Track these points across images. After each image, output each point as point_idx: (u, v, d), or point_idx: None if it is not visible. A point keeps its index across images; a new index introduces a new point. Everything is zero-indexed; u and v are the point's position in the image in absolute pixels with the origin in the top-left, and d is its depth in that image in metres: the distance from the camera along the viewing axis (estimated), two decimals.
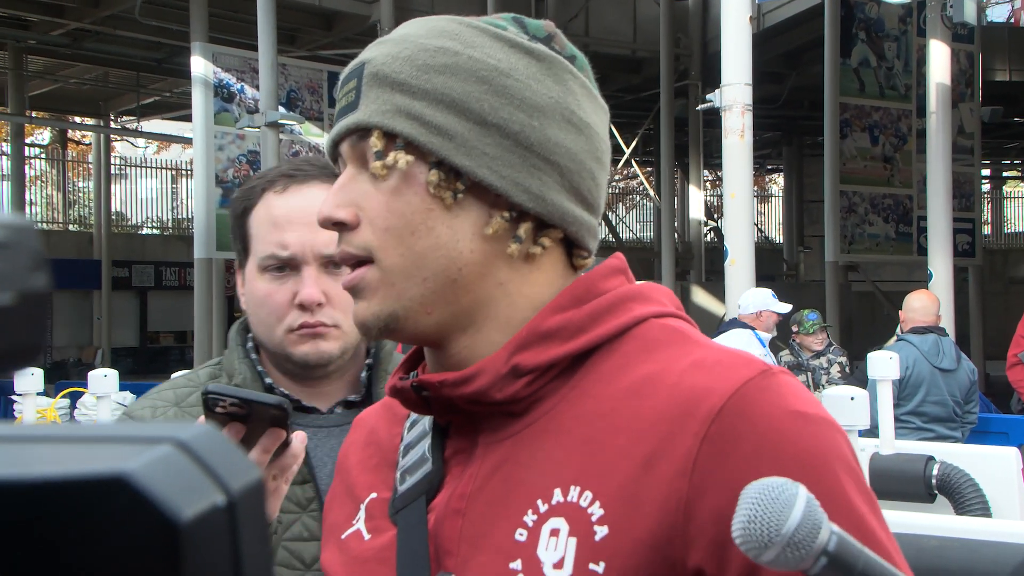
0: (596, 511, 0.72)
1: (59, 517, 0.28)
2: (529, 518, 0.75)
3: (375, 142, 0.79)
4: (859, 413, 2.96)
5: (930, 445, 4.60)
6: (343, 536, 0.89)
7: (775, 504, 0.59)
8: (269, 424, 1.00)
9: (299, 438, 1.05)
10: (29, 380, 4.73)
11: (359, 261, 0.81)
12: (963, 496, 3.84)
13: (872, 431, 4.02)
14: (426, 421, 0.86)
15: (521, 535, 0.75)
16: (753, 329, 5.92)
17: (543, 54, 0.81)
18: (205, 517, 0.29)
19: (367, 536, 0.87)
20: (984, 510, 3.72)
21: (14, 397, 5.45)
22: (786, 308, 5.96)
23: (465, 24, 0.82)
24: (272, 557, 1.22)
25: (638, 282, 0.86)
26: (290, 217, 1.29)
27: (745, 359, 0.75)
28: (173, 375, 1.43)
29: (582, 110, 0.81)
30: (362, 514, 0.88)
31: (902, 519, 3.21)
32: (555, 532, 0.74)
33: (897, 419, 4.59)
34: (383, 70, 0.80)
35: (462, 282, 0.79)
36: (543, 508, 0.75)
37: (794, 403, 0.73)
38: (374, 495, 0.88)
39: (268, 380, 1.34)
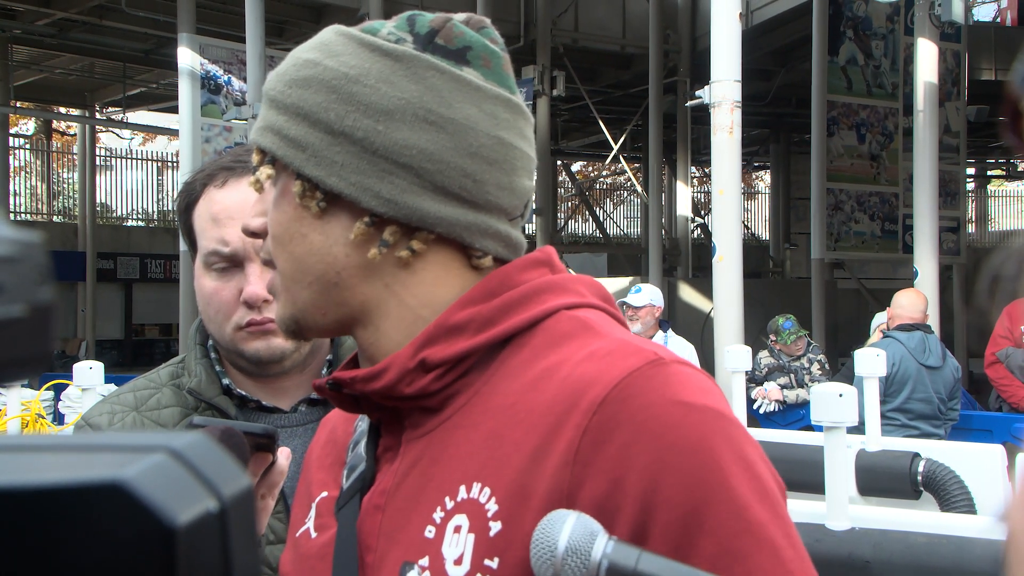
0: (492, 507, 0.74)
1: (57, 523, 0.29)
2: (437, 515, 0.76)
3: (254, 158, 0.84)
4: (847, 410, 2.97)
5: (916, 442, 4.62)
6: (296, 534, 0.92)
7: (549, 524, 0.66)
8: (255, 449, 1.02)
9: (284, 454, 1.05)
10: None
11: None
12: (948, 493, 3.86)
13: (858, 428, 4.04)
14: (367, 420, 0.88)
15: (430, 532, 0.76)
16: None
17: (402, 55, 0.80)
18: (198, 522, 0.30)
19: (314, 534, 0.89)
20: (969, 507, 3.74)
21: None
22: (637, 301, 5.80)
23: (342, 33, 0.83)
24: (260, 562, 1.23)
25: (571, 274, 0.85)
26: (229, 212, 1.26)
27: (636, 349, 0.75)
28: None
29: (445, 106, 0.80)
30: (312, 512, 0.91)
31: (891, 516, 3.23)
32: (458, 529, 0.75)
33: (882, 416, 4.62)
34: (267, 88, 0.84)
35: (343, 285, 0.82)
36: (450, 505, 0.76)
37: (680, 392, 0.72)
38: (325, 493, 0.90)
39: (226, 381, 1.31)
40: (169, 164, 22.72)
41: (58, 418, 6.29)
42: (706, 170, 20.13)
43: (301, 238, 0.81)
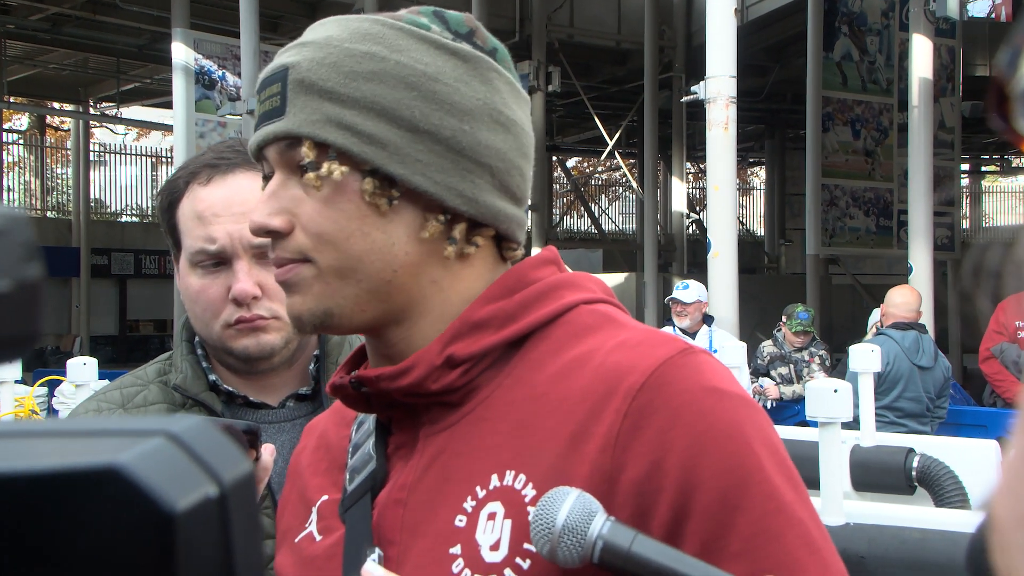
0: (529, 492, 0.75)
1: (54, 509, 0.29)
2: (468, 504, 0.77)
3: (307, 153, 0.79)
4: (842, 405, 2.98)
5: (911, 437, 4.63)
6: (296, 540, 0.91)
7: (550, 500, 0.68)
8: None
9: (268, 450, 1.04)
10: (6, 368, 4.69)
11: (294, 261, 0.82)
12: (943, 488, 3.87)
13: (853, 423, 4.05)
14: (371, 421, 0.88)
15: (460, 521, 0.77)
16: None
17: (468, 54, 0.82)
18: (198, 508, 0.29)
19: (318, 537, 0.89)
20: (963, 502, 3.75)
21: None
22: (687, 297, 6.14)
23: (387, 25, 0.81)
24: (261, 547, 1.23)
25: (579, 272, 0.88)
26: (215, 210, 1.24)
27: (666, 339, 0.78)
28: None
29: (508, 108, 0.82)
30: (314, 516, 0.90)
31: (886, 512, 3.23)
32: (492, 516, 0.76)
33: None
34: (309, 77, 0.79)
35: (396, 283, 0.81)
36: (481, 494, 0.77)
37: (711, 380, 0.75)
38: (325, 497, 0.90)
39: (212, 377, 1.30)
40: (163, 160, 22.66)
41: (52, 414, 6.28)
42: (701, 166, 20.15)
43: (362, 236, 0.79)
